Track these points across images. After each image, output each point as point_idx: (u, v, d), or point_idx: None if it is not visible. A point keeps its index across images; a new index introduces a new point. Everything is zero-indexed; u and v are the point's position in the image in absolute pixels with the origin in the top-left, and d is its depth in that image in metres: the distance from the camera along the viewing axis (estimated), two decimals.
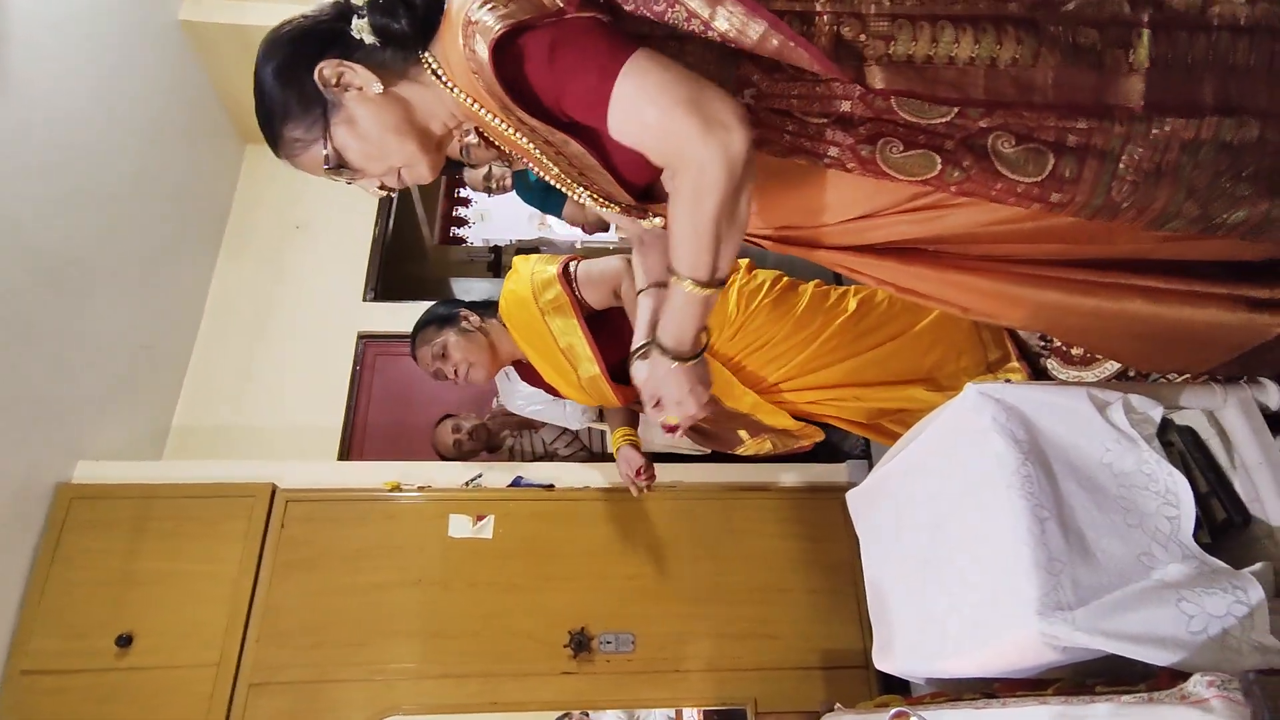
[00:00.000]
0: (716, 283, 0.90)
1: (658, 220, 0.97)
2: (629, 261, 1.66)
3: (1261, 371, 1.18)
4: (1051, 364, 1.66)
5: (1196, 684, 0.76)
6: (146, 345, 2.79)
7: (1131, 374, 1.47)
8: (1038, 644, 0.95)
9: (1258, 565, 1.03)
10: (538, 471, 2.46)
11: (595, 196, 0.97)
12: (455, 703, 2.14)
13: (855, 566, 1.70)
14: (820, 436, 1.90)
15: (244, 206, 3.43)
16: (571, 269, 1.79)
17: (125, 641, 2.08)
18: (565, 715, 4.12)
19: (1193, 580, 0.95)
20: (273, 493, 2.32)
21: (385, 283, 3.49)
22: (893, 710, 1.26)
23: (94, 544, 2.19)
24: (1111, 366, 1.51)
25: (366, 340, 3.28)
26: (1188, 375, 1.32)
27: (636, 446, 1.97)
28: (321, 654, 2.14)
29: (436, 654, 2.17)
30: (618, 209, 0.98)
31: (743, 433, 1.90)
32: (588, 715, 4.14)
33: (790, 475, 2.47)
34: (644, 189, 0.96)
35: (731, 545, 2.34)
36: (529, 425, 2.76)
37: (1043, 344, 1.68)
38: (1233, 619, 0.90)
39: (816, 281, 1.79)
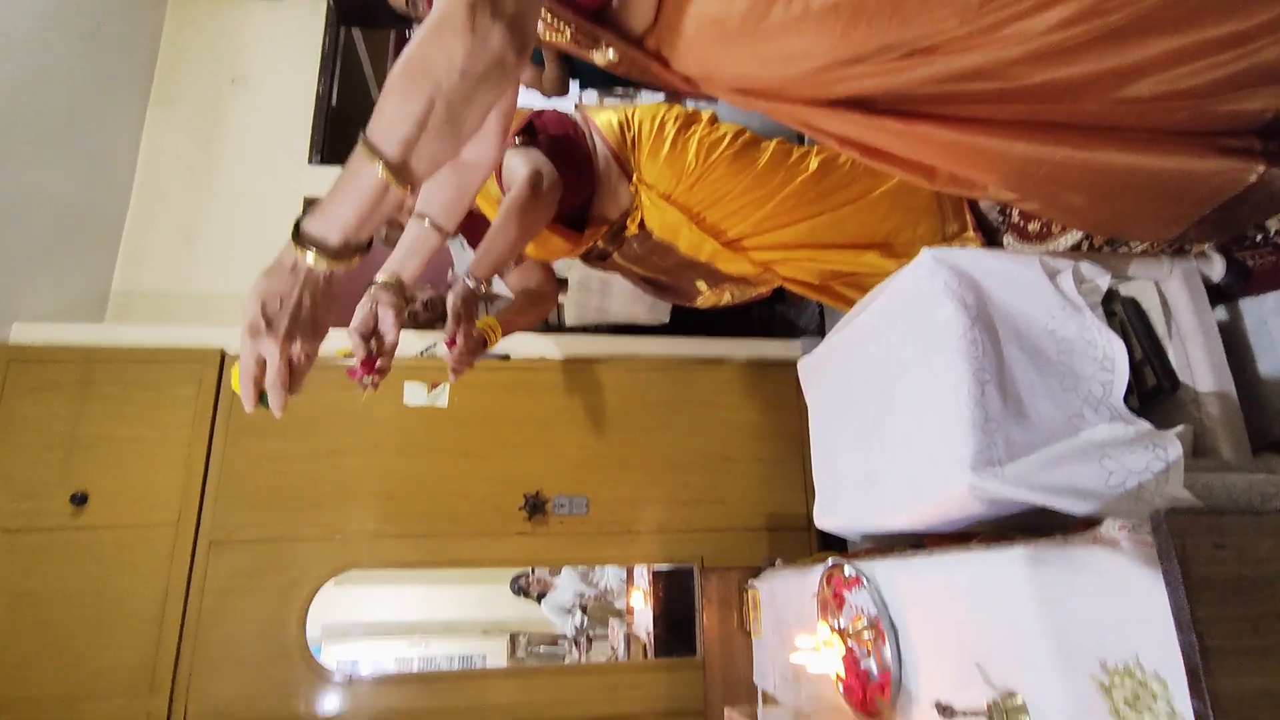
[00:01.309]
0: (397, 170, 0.73)
1: (610, 53, 0.91)
2: (536, 174, 1.54)
3: (1236, 231, 1.14)
4: (1008, 239, 1.66)
5: (1109, 527, 0.80)
6: (75, 202, 2.63)
7: (1085, 249, 1.48)
8: (966, 496, 0.99)
9: (1180, 427, 1.07)
10: None
11: (545, 14, 0.89)
12: (413, 559, 2.22)
13: (803, 438, 1.75)
14: (778, 282, 1.88)
15: (173, 55, 3.16)
16: (520, 130, 1.68)
17: (80, 500, 2.08)
18: (523, 574, 4.34)
19: (1118, 439, 0.99)
20: (222, 357, 2.28)
21: (332, 146, 3.30)
22: (829, 561, 1.34)
23: (36, 408, 2.14)
24: (1067, 241, 1.51)
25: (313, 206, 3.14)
26: (1146, 246, 1.33)
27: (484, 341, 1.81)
28: (279, 515, 2.17)
29: (393, 516, 2.22)
30: (567, 35, 0.90)
31: (701, 283, 1.88)
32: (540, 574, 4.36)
33: (744, 350, 2.50)
34: (594, 10, 0.88)
35: (684, 416, 2.39)
36: (485, 297, 2.72)
37: (1001, 218, 1.67)
38: (1150, 474, 0.94)
39: (779, 139, 1.74)
